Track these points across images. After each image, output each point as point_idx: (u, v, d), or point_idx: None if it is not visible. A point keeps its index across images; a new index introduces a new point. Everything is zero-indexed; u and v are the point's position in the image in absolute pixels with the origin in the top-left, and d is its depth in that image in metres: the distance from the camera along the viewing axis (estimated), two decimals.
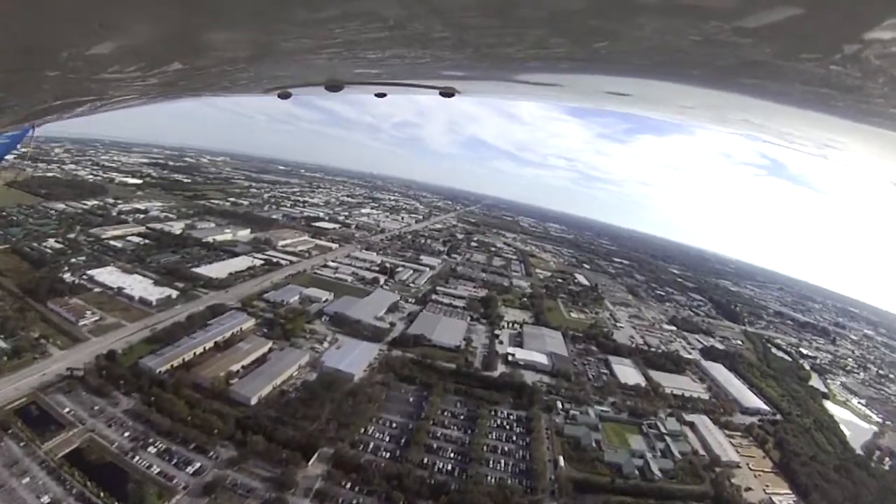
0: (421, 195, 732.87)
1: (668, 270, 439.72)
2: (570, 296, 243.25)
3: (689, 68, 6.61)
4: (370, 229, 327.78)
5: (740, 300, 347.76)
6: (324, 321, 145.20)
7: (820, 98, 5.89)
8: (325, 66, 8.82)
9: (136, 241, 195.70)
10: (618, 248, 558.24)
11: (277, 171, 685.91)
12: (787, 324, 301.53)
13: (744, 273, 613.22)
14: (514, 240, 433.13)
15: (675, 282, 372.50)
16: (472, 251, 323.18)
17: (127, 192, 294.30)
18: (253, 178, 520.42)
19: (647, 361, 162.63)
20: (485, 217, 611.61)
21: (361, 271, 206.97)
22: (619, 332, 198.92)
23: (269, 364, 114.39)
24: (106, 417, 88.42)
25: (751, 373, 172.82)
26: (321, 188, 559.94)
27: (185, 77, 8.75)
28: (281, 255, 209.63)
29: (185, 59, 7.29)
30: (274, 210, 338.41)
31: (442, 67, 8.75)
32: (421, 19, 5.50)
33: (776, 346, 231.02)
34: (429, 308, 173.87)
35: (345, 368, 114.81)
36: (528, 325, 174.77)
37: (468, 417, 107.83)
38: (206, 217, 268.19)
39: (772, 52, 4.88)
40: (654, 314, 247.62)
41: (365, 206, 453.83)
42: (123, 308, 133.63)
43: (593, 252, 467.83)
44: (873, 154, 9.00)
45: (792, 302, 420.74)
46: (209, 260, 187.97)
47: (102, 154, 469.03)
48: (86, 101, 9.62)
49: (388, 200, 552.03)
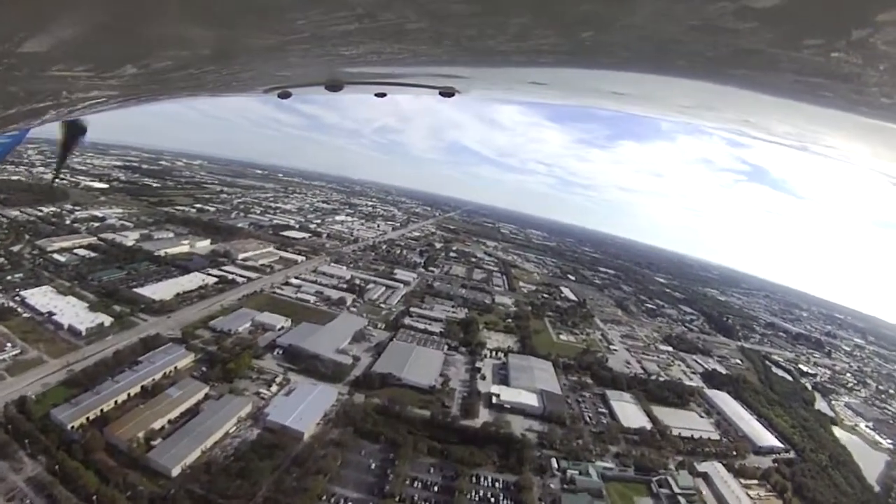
0: (400, 201, 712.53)
1: (655, 280, 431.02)
2: (557, 314, 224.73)
3: (678, 59, 6.17)
4: (342, 239, 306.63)
5: (730, 311, 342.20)
6: (276, 355, 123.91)
7: (809, 88, 5.63)
8: (324, 66, 8.76)
9: (83, 254, 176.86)
10: (601, 255, 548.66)
11: (254, 176, 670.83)
12: (780, 336, 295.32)
13: (728, 280, 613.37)
14: (495, 248, 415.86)
15: (664, 293, 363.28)
16: (451, 263, 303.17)
17: (89, 197, 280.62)
18: (227, 183, 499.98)
19: (648, 394, 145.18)
20: (465, 224, 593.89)
21: (327, 290, 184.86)
22: (614, 356, 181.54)
23: (201, 417, 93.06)
24: (6, 489, 71.74)
25: (756, 400, 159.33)
26: (296, 193, 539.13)
27: (185, 77, 8.38)
28: (238, 272, 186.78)
29: (183, 58, 7.02)
30: (241, 217, 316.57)
31: (443, 66, 8.57)
32: (423, 13, 5.23)
33: (775, 363, 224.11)
34: (401, 336, 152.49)
35: (292, 424, 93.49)
36: (514, 355, 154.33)
37: (444, 488, 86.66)
38: (166, 226, 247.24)
39: (772, 38, 4.58)
40: (647, 332, 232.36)
41: (340, 213, 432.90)
42: (49, 339, 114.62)
43: (577, 261, 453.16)
44: (857, 148, 8.87)
45: (780, 310, 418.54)
46: (157, 277, 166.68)
47: (76, 157, 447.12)
48: (83, 100, 8.90)
49: (364, 206, 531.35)
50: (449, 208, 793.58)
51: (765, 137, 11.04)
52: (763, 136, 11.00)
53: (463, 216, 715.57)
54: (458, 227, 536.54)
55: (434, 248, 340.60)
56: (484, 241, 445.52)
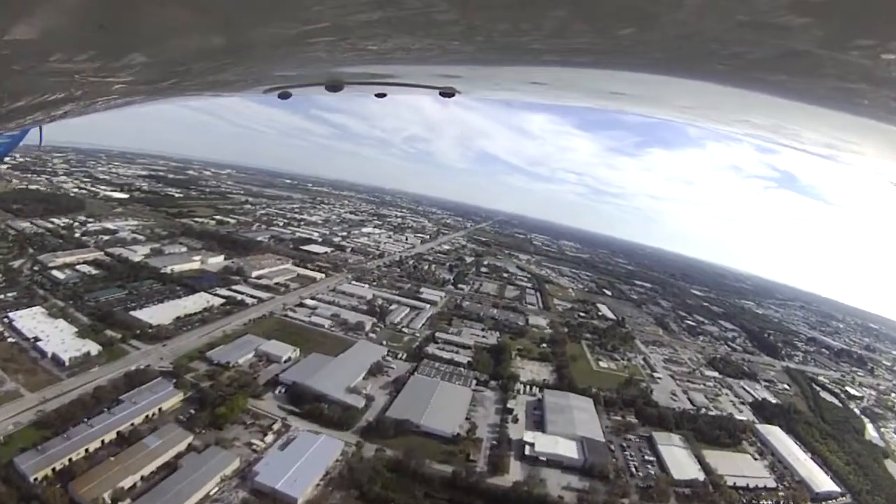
0: (430, 211, 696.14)
1: (692, 293, 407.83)
2: (595, 336, 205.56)
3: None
4: (367, 253, 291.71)
5: (770, 326, 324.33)
6: (278, 394, 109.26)
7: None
8: (324, 66, 8.64)
9: (85, 270, 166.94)
10: (635, 267, 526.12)
11: (282, 186, 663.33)
12: (822, 353, 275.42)
13: (762, 291, 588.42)
14: (527, 262, 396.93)
15: (702, 307, 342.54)
16: (482, 279, 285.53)
17: (106, 208, 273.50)
18: (253, 193, 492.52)
19: (698, 434, 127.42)
20: (496, 235, 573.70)
21: (345, 312, 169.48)
22: (659, 385, 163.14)
23: (178, 475, 78.53)
24: None
25: (809, 433, 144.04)
26: (324, 204, 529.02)
27: (184, 76, 8.48)
28: (249, 292, 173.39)
29: (180, 57, 7.09)
30: (262, 230, 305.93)
31: (445, 63, 8.28)
32: (423, 13, 5.14)
33: (822, 385, 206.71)
34: (423, 368, 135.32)
35: (285, 488, 77.52)
36: (551, 391, 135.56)
37: None
38: (180, 239, 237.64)
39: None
40: (690, 354, 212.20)
41: (368, 225, 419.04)
42: (30, 369, 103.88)
43: (611, 274, 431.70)
44: (889, 156, 8.60)
45: (818, 322, 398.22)
46: (159, 297, 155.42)
47: (102, 165, 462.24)
48: (81, 100, 9.03)
49: (394, 218, 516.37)
50: (480, 219, 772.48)
51: (794, 145, 10.71)
52: (792, 144, 10.69)
53: (495, 227, 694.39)
54: (490, 238, 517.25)
55: (464, 262, 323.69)
56: (516, 255, 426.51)
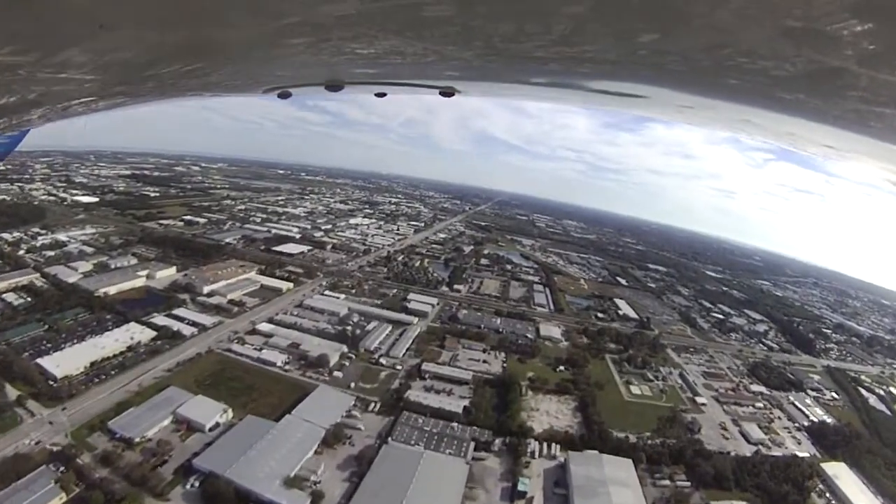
0: (427, 195, 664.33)
1: (707, 275, 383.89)
2: (619, 345, 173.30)
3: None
4: (350, 250, 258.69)
5: (794, 312, 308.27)
6: (189, 489, 76.16)
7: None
8: (324, 65, 8.57)
9: (10, 300, 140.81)
10: (645, 247, 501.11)
11: (274, 177, 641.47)
12: (853, 342, 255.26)
13: (773, 267, 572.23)
14: (532, 248, 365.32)
15: (723, 293, 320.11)
16: (483, 275, 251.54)
17: (68, 215, 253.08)
18: (238, 187, 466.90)
19: (762, 492, 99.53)
20: (497, 218, 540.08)
21: (307, 339, 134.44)
22: (704, 414, 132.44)
23: None
24: None
25: (874, 465, 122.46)
26: (313, 194, 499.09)
27: (184, 76, 8.40)
28: (191, 317, 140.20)
29: (183, 59, 7.03)
30: (235, 229, 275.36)
31: (445, 67, 8.34)
32: (423, 13, 5.08)
33: (866, 387, 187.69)
34: (401, 428, 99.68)
35: None
36: (576, 456, 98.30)
37: None
38: (134, 249, 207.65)
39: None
40: (728, 362, 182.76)
41: (357, 215, 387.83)
42: None
43: (622, 257, 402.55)
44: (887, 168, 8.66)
45: (836, 303, 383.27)
46: (80, 334, 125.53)
47: (86, 168, 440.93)
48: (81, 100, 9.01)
49: (387, 205, 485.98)
50: (479, 201, 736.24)
51: (790, 148, 11.08)
52: (789, 147, 11.09)
53: (494, 209, 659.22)
54: (490, 222, 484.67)
55: (462, 253, 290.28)
56: (519, 240, 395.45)
